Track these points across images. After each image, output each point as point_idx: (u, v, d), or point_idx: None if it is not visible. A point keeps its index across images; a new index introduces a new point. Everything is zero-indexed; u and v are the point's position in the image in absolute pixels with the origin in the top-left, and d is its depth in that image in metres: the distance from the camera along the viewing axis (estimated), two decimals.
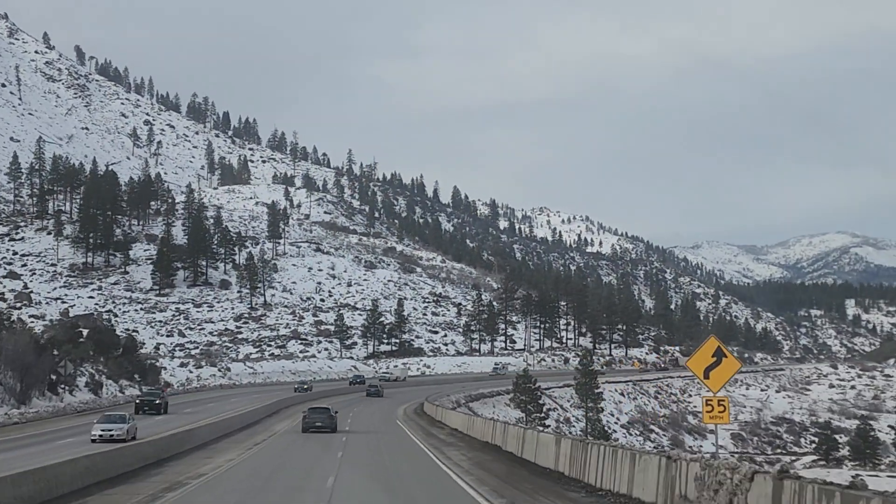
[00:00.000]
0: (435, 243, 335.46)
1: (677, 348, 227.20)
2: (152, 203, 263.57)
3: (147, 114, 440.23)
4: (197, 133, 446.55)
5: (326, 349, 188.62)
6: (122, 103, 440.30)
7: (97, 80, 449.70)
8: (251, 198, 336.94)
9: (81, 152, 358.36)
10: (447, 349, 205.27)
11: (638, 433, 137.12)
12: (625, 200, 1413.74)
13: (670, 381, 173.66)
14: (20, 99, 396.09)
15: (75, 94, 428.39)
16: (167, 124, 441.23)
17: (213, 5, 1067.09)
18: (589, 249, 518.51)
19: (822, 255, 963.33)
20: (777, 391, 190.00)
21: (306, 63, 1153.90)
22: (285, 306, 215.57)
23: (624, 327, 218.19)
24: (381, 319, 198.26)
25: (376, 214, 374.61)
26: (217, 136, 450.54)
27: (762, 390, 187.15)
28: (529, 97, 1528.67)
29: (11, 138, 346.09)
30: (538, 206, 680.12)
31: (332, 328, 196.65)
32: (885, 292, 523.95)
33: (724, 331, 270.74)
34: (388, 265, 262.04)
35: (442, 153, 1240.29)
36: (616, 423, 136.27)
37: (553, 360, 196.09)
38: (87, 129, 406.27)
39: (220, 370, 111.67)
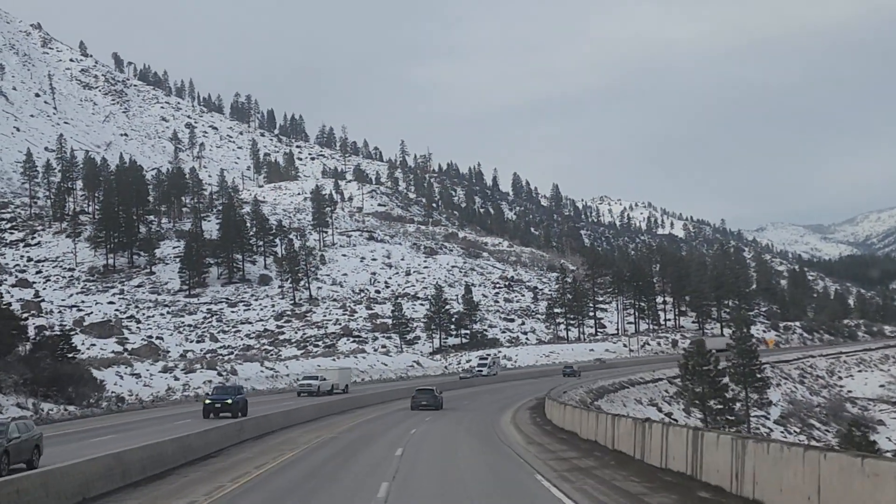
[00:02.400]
0: (499, 231, 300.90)
1: (797, 324, 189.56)
2: (186, 199, 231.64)
3: (189, 116, 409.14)
4: (241, 133, 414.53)
5: (384, 346, 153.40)
6: (163, 107, 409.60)
7: (136, 86, 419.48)
8: (299, 193, 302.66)
9: (120, 159, 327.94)
10: (527, 338, 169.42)
11: (797, 430, 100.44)
12: (685, 186, 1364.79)
13: (813, 362, 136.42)
14: (55, 108, 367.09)
15: (113, 100, 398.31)
16: (210, 126, 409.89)
17: (256, 6, 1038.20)
18: (660, 231, 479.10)
19: (893, 230, 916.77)
20: None
21: (354, 64, 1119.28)
22: (334, 300, 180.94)
23: (732, 303, 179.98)
24: (447, 308, 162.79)
25: (434, 205, 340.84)
26: (262, 135, 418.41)
27: None
28: (576, 88, 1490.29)
29: (46, 148, 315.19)
30: (598, 195, 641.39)
31: (389, 322, 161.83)
32: None
33: (839, 304, 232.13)
34: (451, 251, 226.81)
35: (493, 149, 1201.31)
36: (764, 417, 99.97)
37: (659, 344, 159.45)
38: (125, 135, 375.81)
39: (220, 373, 77.43)
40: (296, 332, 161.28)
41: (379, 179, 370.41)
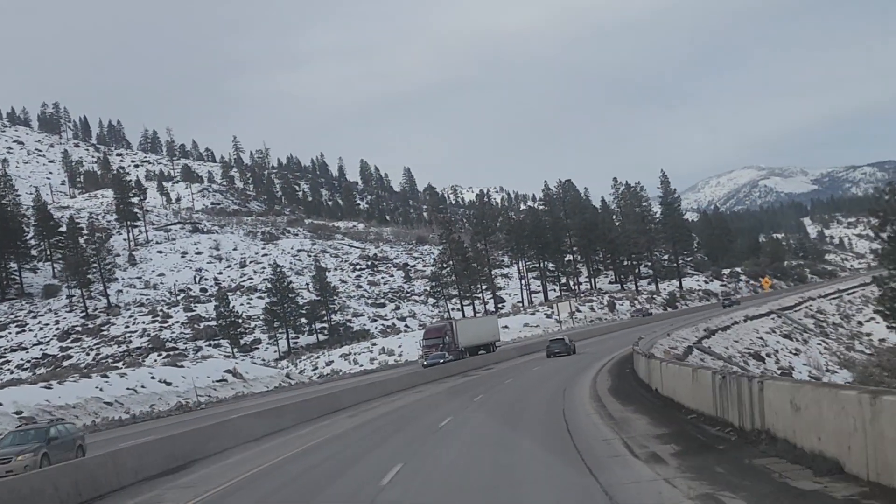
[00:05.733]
0: (351, 218, 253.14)
1: (738, 269, 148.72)
2: None
3: None
4: (52, 146, 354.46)
5: (211, 356, 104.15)
6: None
7: None
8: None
9: None
10: (407, 325, 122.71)
11: None
12: (535, 168, 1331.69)
13: (818, 306, 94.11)
14: None
15: None
16: (15, 141, 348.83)
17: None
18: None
19: (733, 193, 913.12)
20: None
21: (184, 75, 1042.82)
22: (141, 306, 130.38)
23: (654, 256, 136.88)
24: (294, 297, 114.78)
25: (276, 201, 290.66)
26: (77, 145, 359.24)
27: None
28: (419, 85, 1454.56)
29: None
30: (449, 185, 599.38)
31: (215, 325, 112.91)
32: (839, 204, 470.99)
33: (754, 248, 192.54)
34: (297, 234, 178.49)
35: (341, 151, 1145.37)
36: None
37: (592, 309, 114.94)
38: None
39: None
40: (87, 355, 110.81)
41: (212, 179, 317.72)
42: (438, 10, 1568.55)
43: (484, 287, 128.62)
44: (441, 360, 64.29)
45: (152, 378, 57.78)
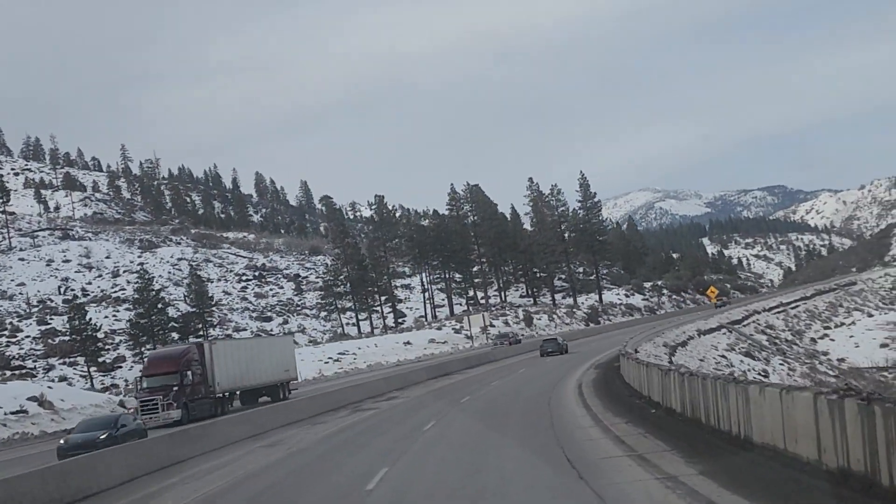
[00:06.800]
0: (244, 229, 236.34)
1: (660, 283, 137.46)
2: None
3: None
4: None
5: (65, 377, 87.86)
6: None
7: None
8: None
9: None
10: (295, 341, 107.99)
11: None
12: (436, 185, 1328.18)
13: (765, 320, 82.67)
14: None
15: None
16: None
17: None
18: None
19: (631, 214, 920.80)
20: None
21: (76, 85, 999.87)
22: None
23: (569, 268, 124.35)
24: (163, 307, 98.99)
25: (165, 212, 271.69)
26: None
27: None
28: (322, 103, 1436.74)
29: None
30: (347, 202, 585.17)
31: (69, 339, 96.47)
32: (736, 225, 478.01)
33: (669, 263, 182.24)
34: (179, 243, 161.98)
35: (237, 166, 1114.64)
36: None
37: (507, 324, 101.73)
38: None
39: None
40: None
41: (97, 188, 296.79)
42: (343, 30, 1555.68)
43: (383, 299, 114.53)
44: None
45: None
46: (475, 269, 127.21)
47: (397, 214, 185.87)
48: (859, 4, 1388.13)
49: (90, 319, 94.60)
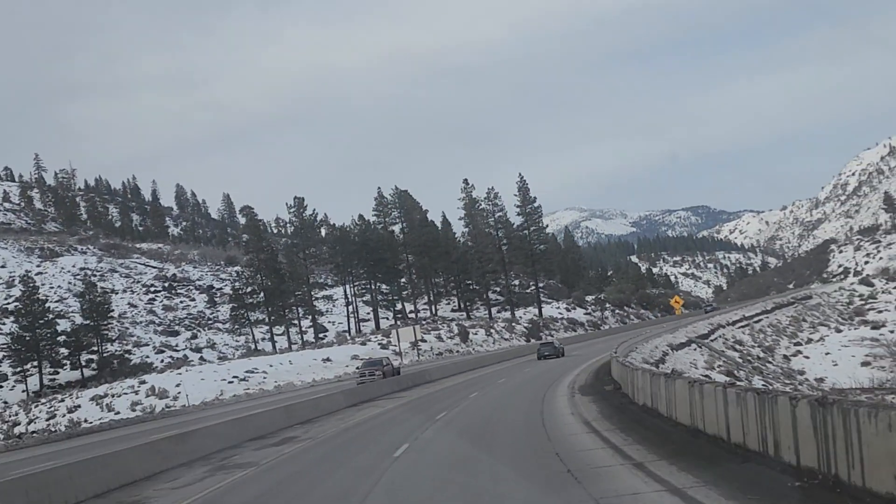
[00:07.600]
0: (161, 240, 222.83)
1: (602, 296, 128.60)
2: None
3: None
4: None
5: None
6: None
7: None
8: None
9: None
10: (202, 357, 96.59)
11: None
12: (358, 205, 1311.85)
13: (731, 334, 74.01)
14: None
15: None
16: None
17: None
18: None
19: (558, 233, 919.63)
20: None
21: None
22: None
23: (502, 282, 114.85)
24: (50, 320, 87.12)
25: (79, 225, 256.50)
26: None
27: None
28: (246, 118, 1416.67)
29: None
30: (272, 217, 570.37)
31: None
32: (663, 244, 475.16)
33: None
34: (85, 252, 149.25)
35: (159, 179, 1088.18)
36: None
37: (440, 338, 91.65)
38: None
39: None
40: None
41: (7, 198, 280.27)
42: (270, 47, 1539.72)
43: (302, 311, 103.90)
44: None
45: None
46: (403, 280, 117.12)
47: (322, 232, 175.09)
48: (781, 29, 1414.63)
49: None
